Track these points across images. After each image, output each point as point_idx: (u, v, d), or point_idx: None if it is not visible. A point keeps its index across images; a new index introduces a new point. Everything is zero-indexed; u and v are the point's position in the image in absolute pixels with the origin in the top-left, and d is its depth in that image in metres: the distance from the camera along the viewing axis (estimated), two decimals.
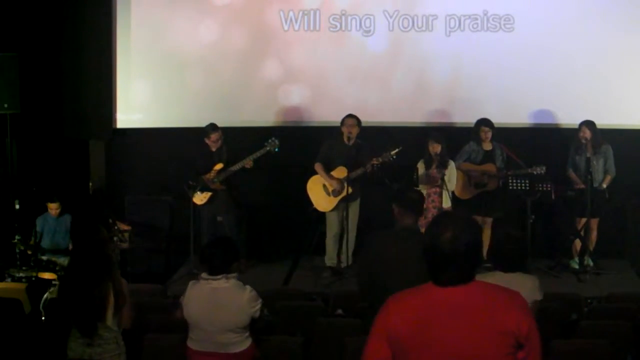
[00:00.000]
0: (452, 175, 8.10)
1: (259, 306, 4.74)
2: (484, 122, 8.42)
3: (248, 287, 4.77)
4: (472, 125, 8.52)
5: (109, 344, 4.71)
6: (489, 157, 8.45)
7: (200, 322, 4.72)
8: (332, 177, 8.14)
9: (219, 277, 4.70)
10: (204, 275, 4.75)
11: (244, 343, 4.76)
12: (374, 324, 2.98)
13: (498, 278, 4.43)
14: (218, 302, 4.68)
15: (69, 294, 4.72)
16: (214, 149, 8.32)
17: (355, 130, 8.12)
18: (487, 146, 8.47)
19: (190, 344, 4.80)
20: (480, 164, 8.43)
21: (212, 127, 8.32)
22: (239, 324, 4.70)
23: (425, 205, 7.95)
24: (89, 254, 4.69)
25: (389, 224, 5.04)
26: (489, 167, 8.40)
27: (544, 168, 8.16)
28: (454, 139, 8.47)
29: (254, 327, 4.79)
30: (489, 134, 8.40)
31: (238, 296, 4.70)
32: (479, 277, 4.76)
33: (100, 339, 4.68)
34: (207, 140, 8.31)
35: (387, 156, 7.92)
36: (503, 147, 8.47)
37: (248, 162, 8.18)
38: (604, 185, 8.31)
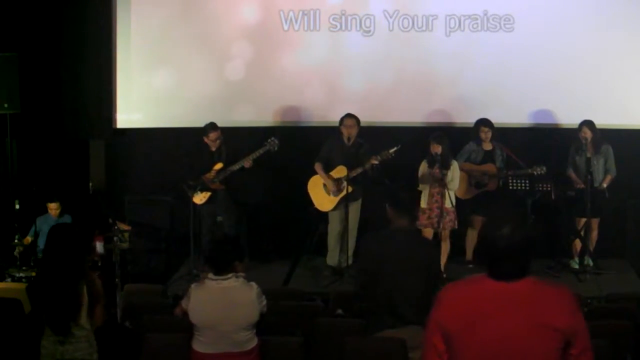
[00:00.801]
0: (455, 175, 8.09)
1: (265, 301, 4.82)
2: (484, 122, 8.43)
3: (254, 284, 4.82)
4: (472, 126, 8.53)
5: (81, 342, 4.70)
6: (489, 157, 8.45)
7: (213, 324, 4.70)
8: (329, 177, 8.15)
9: (229, 276, 4.71)
10: (211, 276, 4.74)
11: (254, 339, 4.82)
12: (429, 318, 3.07)
13: None
14: (231, 302, 4.70)
15: (41, 293, 4.70)
16: (213, 149, 8.32)
17: (354, 131, 8.13)
18: (487, 146, 8.47)
19: (199, 347, 4.77)
20: (480, 164, 8.44)
21: (211, 126, 8.32)
22: (251, 321, 4.75)
23: (428, 206, 8.02)
24: (62, 253, 4.67)
25: (389, 224, 5.07)
26: (489, 167, 8.40)
27: (544, 168, 8.16)
28: (454, 139, 8.46)
29: (261, 323, 4.83)
30: (489, 134, 8.41)
31: (248, 293, 4.75)
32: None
33: (72, 337, 4.68)
34: (206, 139, 8.30)
35: (386, 154, 7.92)
36: (503, 147, 8.48)
37: (247, 162, 8.18)
38: (604, 185, 8.31)
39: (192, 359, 4.82)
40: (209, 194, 8.31)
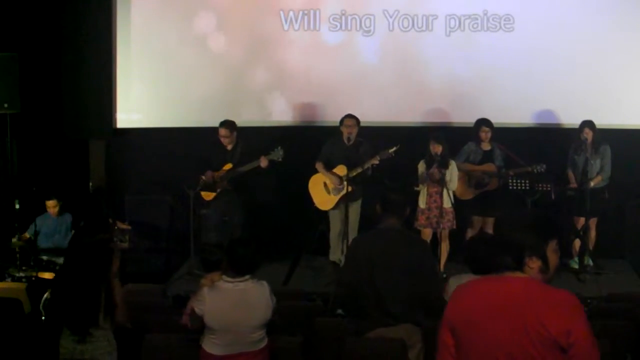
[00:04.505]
0: (453, 175, 8.09)
1: (275, 298, 4.82)
2: (485, 122, 8.42)
3: (264, 282, 4.81)
4: (472, 126, 8.52)
5: (100, 342, 4.74)
6: (488, 157, 8.45)
7: (231, 326, 4.67)
8: (332, 173, 8.16)
9: (246, 277, 4.70)
10: (226, 278, 4.71)
11: (265, 338, 4.81)
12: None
13: (468, 279, 4.42)
14: (249, 303, 4.68)
15: (61, 295, 4.74)
16: (228, 148, 8.32)
17: (354, 131, 8.14)
18: (486, 146, 8.47)
19: (213, 349, 4.71)
20: (479, 164, 8.44)
21: (221, 122, 8.31)
22: (267, 319, 4.75)
23: (427, 205, 8.03)
24: (81, 256, 4.70)
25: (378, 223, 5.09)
26: (489, 167, 8.40)
27: (544, 166, 8.16)
28: (453, 139, 8.46)
29: (272, 320, 4.83)
30: (489, 134, 8.40)
31: (262, 292, 4.74)
32: (452, 279, 4.84)
33: (91, 336, 4.72)
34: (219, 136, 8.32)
35: (386, 154, 7.93)
36: (501, 147, 8.48)
37: (263, 161, 8.13)
38: (592, 184, 8.25)
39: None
40: (213, 193, 8.33)
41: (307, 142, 8.82)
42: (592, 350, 2.88)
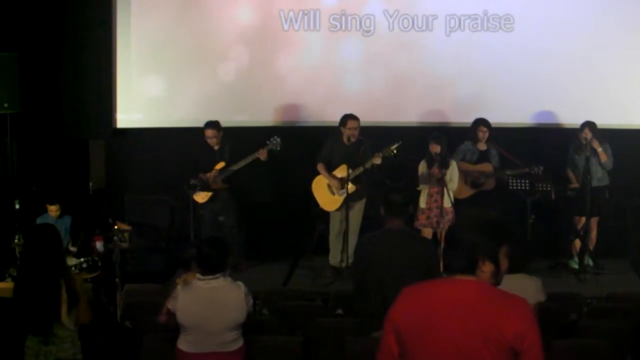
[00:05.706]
0: (453, 175, 8.10)
1: (251, 301, 4.83)
2: (482, 122, 8.43)
3: (241, 284, 4.83)
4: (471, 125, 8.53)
5: (64, 343, 4.77)
6: (484, 157, 8.46)
7: (201, 324, 4.70)
8: (333, 177, 8.15)
9: (217, 276, 4.71)
10: (199, 276, 4.75)
11: (239, 340, 4.81)
12: (386, 317, 3.07)
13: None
14: (219, 301, 4.70)
15: (22, 294, 4.74)
16: (215, 148, 8.33)
17: (357, 133, 8.12)
18: (482, 146, 8.48)
19: (185, 346, 4.76)
20: (476, 163, 8.44)
21: (208, 123, 8.33)
22: (239, 321, 4.75)
23: (427, 205, 8.04)
24: (38, 253, 4.72)
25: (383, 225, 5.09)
26: (486, 167, 8.41)
27: (542, 168, 8.17)
28: (454, 139, 8.47)
29: (247, 323, 4.82)
30: (487, 134, 8.41)
31: (236, 293, 4.75)
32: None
33: (55, 337, 4.75)
34: (205, 137, 8.32)
35: (388, 152, 7.92)
36: (497, 147, 8.48)
37: (262, 153, 8.13)
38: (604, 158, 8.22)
39: (176, 358, 4.81)
40: (210, 193, 8.32)
41: (307, 142, 8.81)
42: (542, 355, 2.90)
